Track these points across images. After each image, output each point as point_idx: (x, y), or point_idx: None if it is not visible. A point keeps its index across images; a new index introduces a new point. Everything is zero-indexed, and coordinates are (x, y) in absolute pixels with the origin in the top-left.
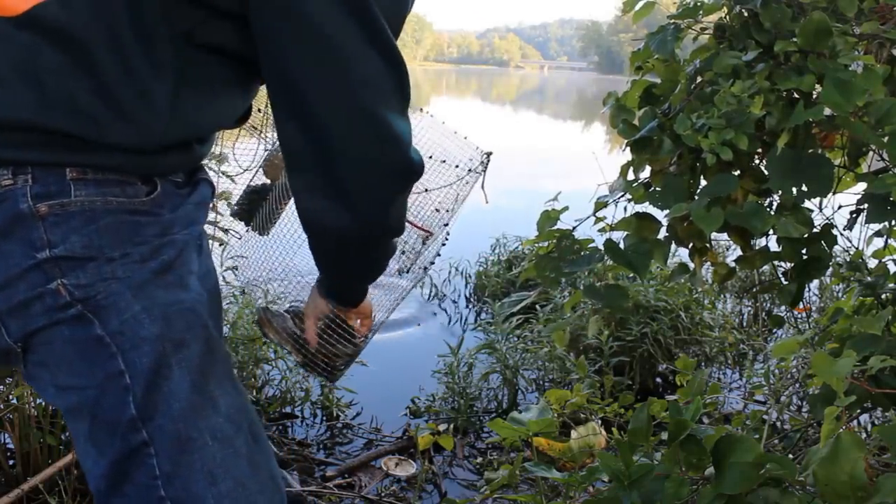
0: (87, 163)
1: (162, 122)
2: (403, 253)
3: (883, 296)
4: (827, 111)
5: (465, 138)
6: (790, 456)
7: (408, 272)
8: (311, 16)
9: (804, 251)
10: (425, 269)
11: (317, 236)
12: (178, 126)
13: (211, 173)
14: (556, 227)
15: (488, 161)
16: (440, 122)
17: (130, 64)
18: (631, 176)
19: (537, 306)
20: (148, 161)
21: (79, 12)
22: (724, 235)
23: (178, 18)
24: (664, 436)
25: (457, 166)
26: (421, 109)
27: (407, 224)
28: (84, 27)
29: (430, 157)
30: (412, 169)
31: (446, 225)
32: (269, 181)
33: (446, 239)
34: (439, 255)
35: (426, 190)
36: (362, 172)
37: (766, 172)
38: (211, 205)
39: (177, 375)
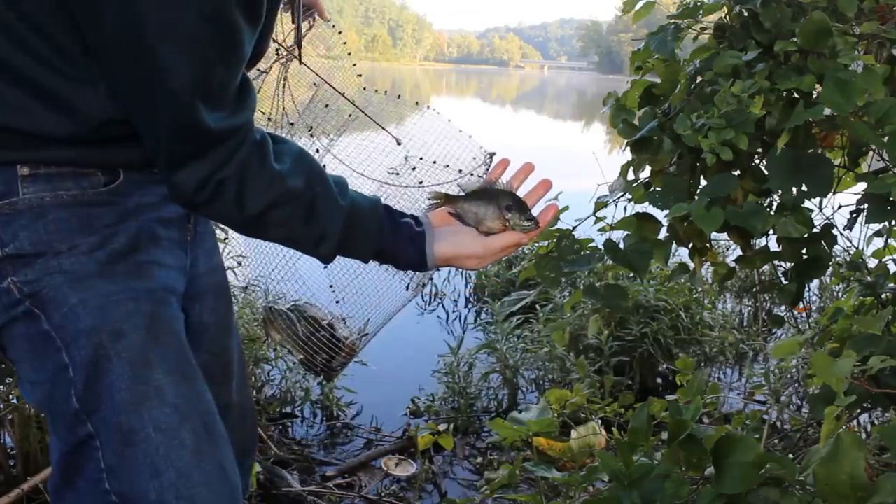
0: (40, 159)
1: (93, 106)
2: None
3: (883, 296)
4: (827, 111)
5: (470, 137)
6: (790, 456)
7: (409, 287)
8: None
9: (804, 251)
10: (424, 284)
11: None
12: (112, 111)
13: None
14: (556, 227)
15: (491, 161)
16: (445, 119)
17: (42, 58)
18: (631, 176)
19: (537, 306)
20: (103, 153)
21: None
22: (724, 235)
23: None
24: (664, 436)
25: (459, 171)
26: (428, 106)
27: None
28: None
29: (421, 159)
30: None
31: None
32: None
33: None
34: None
35: (420, 183)
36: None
37: (766, 172)
38: None
39: (117, 367)
